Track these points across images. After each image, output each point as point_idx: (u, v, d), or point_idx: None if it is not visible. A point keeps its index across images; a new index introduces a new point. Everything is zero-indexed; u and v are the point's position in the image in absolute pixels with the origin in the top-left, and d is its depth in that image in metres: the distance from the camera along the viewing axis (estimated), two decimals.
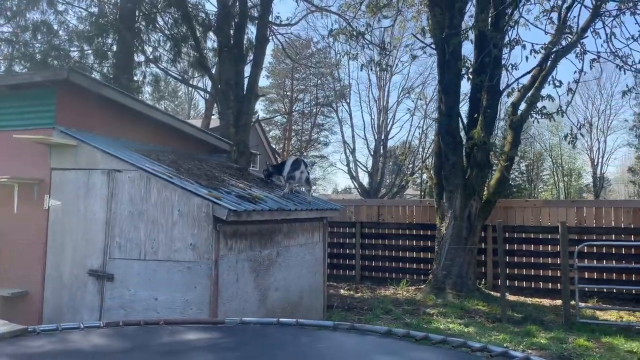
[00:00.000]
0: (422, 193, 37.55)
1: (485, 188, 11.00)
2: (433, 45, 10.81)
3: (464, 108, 13.67)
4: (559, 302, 9.34)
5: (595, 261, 10.30)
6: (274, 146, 48.21)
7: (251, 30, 14.98)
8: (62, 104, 6.03)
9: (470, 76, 9.66)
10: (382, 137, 42.53)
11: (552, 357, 6.37)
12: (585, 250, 10.37)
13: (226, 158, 10.62)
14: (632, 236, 10.09)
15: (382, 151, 42.54)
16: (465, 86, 29.40)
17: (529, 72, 10.37)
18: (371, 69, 10.66)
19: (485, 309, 9.35)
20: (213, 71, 13.86)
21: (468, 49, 11.74)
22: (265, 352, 2.15)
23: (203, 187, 5.57)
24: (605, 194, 43.34)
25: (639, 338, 7.47)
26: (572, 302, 8.43)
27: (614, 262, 10.21)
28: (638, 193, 32.36)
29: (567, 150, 39.73)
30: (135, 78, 17.03)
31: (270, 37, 14.74)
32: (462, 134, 10.75)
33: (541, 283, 10.84)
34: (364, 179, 43.60)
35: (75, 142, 5.78)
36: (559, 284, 9.07)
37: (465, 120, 10.77)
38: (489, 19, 9.76)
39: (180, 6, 12.46)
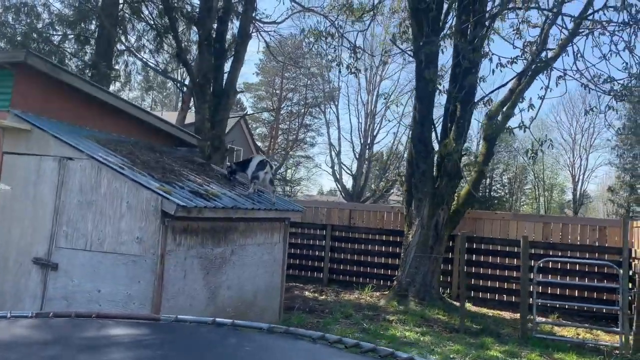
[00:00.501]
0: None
1: (455, 198, 11.02)
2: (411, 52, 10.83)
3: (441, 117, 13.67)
4: (519, 315, 9.38)
5: (559, 277, 10.37)
6: (260, 144, 48.11)
7: (236, 26, 14.93)
8: (19, 87, 5.92)
9: (438, 86, 9.66)
10: (368, 141, 42.66)
11: None
12: (550, 266, 10.45)
13: (197, 152, 10.56)
14: (597, 254, 10.17)
15: (367, 155, 42.67)
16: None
17: (503, 85, 10.44)
18: (340, 71, 10.63)
19: (445, 319, 9.35)
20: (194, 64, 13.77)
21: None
22: (183, 351, 2.09)
23: (155, 180, 5.50)
24: (585, 211, 43.81)
25: (591, 356, 7.52)
26: (530, 317, 8.47)
27: (577, 279, 10.29)
28: (616, 212, 32.73)
29: (550, 165, 40.15)
30: (117, 67, 16.91)
31: (255, 34, 14.69)
32: (436, 143, 10.77)
33: (504, 296, 10.88)
34: (349, 182, 43.66)
35: (29, 126, 5.67)
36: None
37: (439, 130, 10.79)
38: (468, 29, 9.78)
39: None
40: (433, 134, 10.84)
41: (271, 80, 47.67)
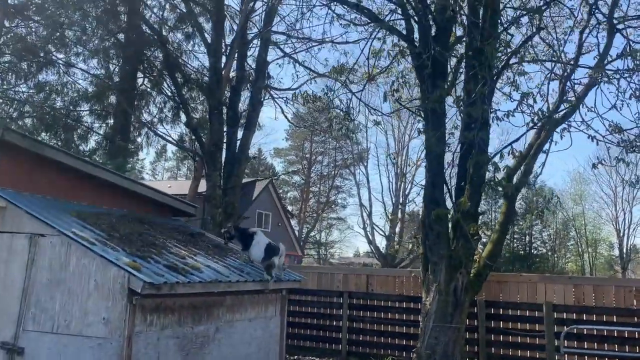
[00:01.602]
0: None
1: (477, 260, 10.32)
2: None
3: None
4: None
5: (595, 344, 9.39)
6: (291, 207, 48.13)
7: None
8: None
9: (448, 145, 9.28)
10: (400, 201, 42.03)
11: None
12: (585, 332, 9.53)
13: (194, 221, 10.33)
14: (636, 318, 9.20)
15: (399, 215, 41.92)
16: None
17: (516, 140, 9.94)
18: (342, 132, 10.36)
19: None
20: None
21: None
22: None
23: (128, 255, 5.20)
24: (635, 266, 41.39)
25: None
26: None
27: (616, 346, 9.30)
28: None
29: (592, 219, 38.43)
30: (139, 139, 17.27)
31: (267, 100, 14.78)
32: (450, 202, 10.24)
33: None
34: (382, 243, 42.73)
35: (4, 203, 5.53)
36: None
37: (452, 188, 10.28)
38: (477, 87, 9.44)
39: (170, 70, 12.60)
40: (448, 194, 10.31)
41: (300, 144, 48.30)
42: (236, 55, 13.29)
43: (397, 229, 41.63)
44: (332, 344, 11.96)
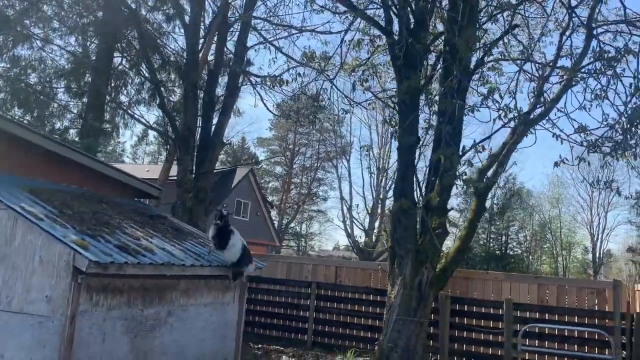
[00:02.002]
0: None
1: (444, 256, 10.33)
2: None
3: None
4: None
5: (556, 344, 9.47)
6: (272, 197, 47.95)
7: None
8: None
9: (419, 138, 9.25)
10: (380, 196, 42.11)
11: None
12: (547, 332, 9.61)
13: (171, 206, 10.17)
14: (596, 319, 9.28)
15: (379, 210, 42.01)
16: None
17: (488, 137, 9.96)
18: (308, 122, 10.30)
19: None
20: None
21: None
22: None
23: (77, 233, 5.07)
24: (607, 271, 42.04)
25: None
26: None
27: (576, 347, 9.39)
28: (638, 273, 31.18)
29: (567, 223, 38.90)
30: (117, 120, 17.00)
31: (246, 86, 14.57)
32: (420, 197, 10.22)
33: None
34: (362, 237, 42.83)
35: None
36: None
37: (423, 182, 10.27)
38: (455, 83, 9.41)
39: (145, 50, 12.37)
40: (417, 188, 10.30)
41: (284, 135, 48.08)
42: (215, 39, 13.08)
43: (377, 224, 41.77)
44: (299, 334, 11.92)
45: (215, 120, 12.95)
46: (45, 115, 15.14)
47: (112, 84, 15.15)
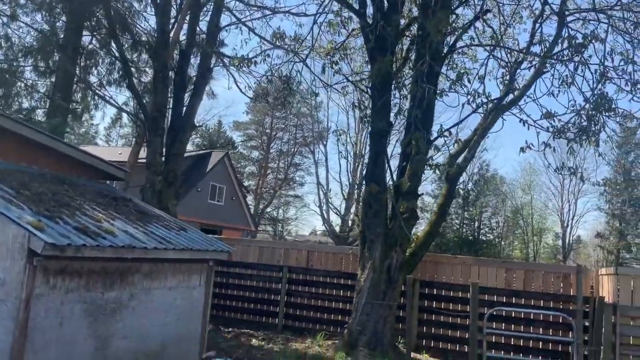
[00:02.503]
0: None
1: (414, 240, 10.40)
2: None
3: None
4: None
5: (522, 327, 9.63)
6: (248, 182, 47.69)
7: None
8: None
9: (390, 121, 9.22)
10: (357, 182, 42.16)
11: None
12: (514, 315, 9.77)
13: (141, 189, 9.96)
14: (561, 303, 9.45)
15: (356, 196, 42.09)
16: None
17: (458, 123, 10.00)
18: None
19: None
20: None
21: None
22: None
23: (34, 214, 4.92)
24: (576, 256, 42.99)
25: None
26: None
27: (541, 329, 9.57)
28: (606, 258, 31.97)
29: (538, 209, 39.59)
30: (88, 100, 16.58)
31: (220, 67, 14.35)
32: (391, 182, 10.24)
33: (465, 346, 10.10)
34: (338, 222, 42.90)
35: None
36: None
37: (395, 168, 10.30)
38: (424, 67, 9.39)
39: (112, 28, 12.04)
40: (389, 173, 10.31)
41: (261, 119, 47.69)
42: (187, 18, 12.80)
43: (353, 210, 41.88)
44: (270, 318, 11.93)
45: (186, 102, 12.75)
46: (12, 94, 14.67)
47: (82, 64, 14.73)
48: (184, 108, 12.57)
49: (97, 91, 14.45)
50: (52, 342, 4.79)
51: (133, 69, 14.27)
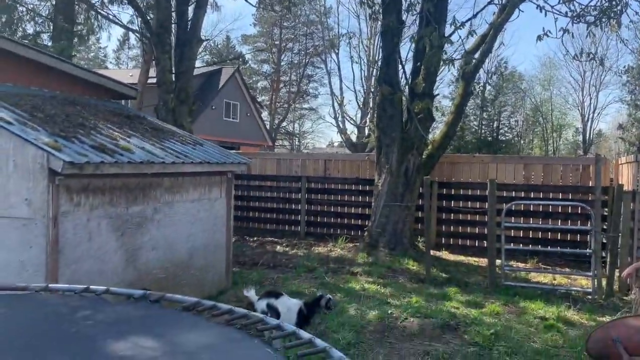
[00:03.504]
0: None
1: (430, 142, 10.35)
2: None
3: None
4: (498, 261, 8.83)
5: (540, 220, 9.78)
6: (261, 98, 47.24)
7: None
8: None
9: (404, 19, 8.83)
10: (372, 90, 41.45)
11: (433, 326, 5.91)
12: (532, 209, 9.88)
13: (155, 108, 9.90)
14: (580, 194, 9.48)
15: (371, 104, 41.56)
16: None
17: (474, 16, 9.57)
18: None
19: (415, 269, 8.90)
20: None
21: None
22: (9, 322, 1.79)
23: (50, 135, 4.97)
24: (597, 150, 42.58)
25: (560, 303, 7.00)
26: (498, 263, 7.97)
27: (559, 222, 9.71)
28: (627, 150, 31.60)
29: (558, 105, 38.76)
30: (92, 22, 16.18)
31: None
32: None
33: (484, 242, 10.34)
34: (354, 132, 42.74)
35: None
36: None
37: (409, 73, 10.04)
38: None
39: None
40: (404, 77, 10.09)
41: (269, 30, 46.26)
42: None
43: (368, 118, 41.51)
44: (292, 226, 12.30)
45: (190, 16, 12.35)
46: (14, 19, 14.37)
47: None
48: (189, 22, 12.21)
49: (99, 10, 14.03)
50: (84, 256, 5.01)
51: None
